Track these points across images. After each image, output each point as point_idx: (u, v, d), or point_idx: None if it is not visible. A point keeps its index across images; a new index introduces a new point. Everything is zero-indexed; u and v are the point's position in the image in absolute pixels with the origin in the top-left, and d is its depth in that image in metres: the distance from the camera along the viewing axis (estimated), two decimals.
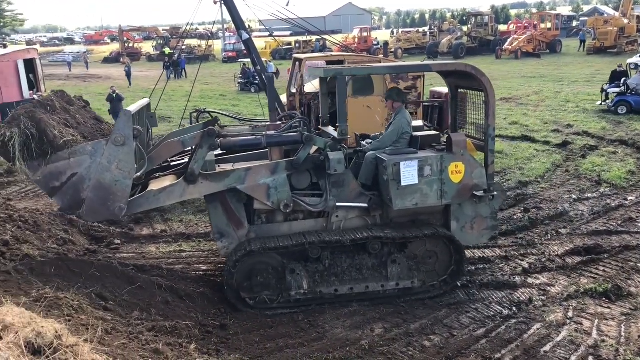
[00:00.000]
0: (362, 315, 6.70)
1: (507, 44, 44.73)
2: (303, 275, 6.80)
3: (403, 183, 6.68)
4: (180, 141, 6.86)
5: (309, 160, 6.87)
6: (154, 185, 6.86)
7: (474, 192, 7.00)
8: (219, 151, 7.41)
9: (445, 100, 10.99)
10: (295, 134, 7.05)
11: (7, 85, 15.08)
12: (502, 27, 58.85)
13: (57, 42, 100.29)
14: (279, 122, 7.67)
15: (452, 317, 6.64)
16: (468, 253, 8.33)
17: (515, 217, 9.85)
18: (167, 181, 6.90)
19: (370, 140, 7.69)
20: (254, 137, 7.17)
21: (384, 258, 6.99)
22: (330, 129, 7.41)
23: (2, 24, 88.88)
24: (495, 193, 7.15)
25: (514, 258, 8.19)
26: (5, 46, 50.64)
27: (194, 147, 6.80)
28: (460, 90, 7.89)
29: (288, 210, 6.89)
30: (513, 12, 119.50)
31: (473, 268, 7.87)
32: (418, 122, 8.06)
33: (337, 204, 6.98)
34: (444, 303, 6.97)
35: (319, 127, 8.18)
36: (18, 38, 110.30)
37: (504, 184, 11.65)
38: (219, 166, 7.07)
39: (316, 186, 7.09)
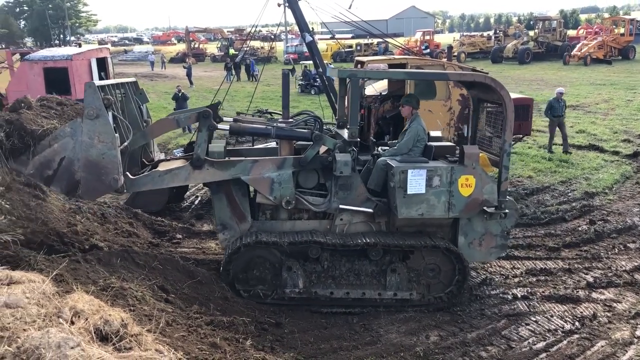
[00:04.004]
0: (418, 321, 6.63)
1: (575, 49, 43.01)
2: (299, 274, 6.78)
3: (409, 191, 6.55)
4: (174, 119, 7.18)
5: (317, 159, 6.83)
6: (162, 167, 7.06)
7: (484, 208, 6.80)
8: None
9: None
10: (305, 130, 7.05)
11: (80, 82, 15.69)
12: (571, 32, 56.82)
13: (127, 41, 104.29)
14: (291, 119, 7.73)
15: (511, 328, 6.47)
16: (529, 264, 8.12)
17: (580, 228, 9.49)
18: (176, 164, 7.05)
19: (387, 148, 7.61)
20: (264, 126, 7.24)
21: (383, 266, 6.88)
22: (345, 132, 7.28)
23: (77, 24, 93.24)
24: (508, 211, 6.91)
25: (577, 271, 7.89)
26: (79, 45, 53.05)
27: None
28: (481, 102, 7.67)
29: (289, 207, 6.86)
30: (583, 16, 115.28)
31: (534, 280, 7.64)
32: (437, 133, 7.94)
33: (341, 206, 6.91)
34: (503, 314, 6.80)
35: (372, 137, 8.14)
36: (91, 37, 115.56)
37: (569, 194, 11.26)
38: (229, 158, 7.13)
39: (324, 187, 7.06)
